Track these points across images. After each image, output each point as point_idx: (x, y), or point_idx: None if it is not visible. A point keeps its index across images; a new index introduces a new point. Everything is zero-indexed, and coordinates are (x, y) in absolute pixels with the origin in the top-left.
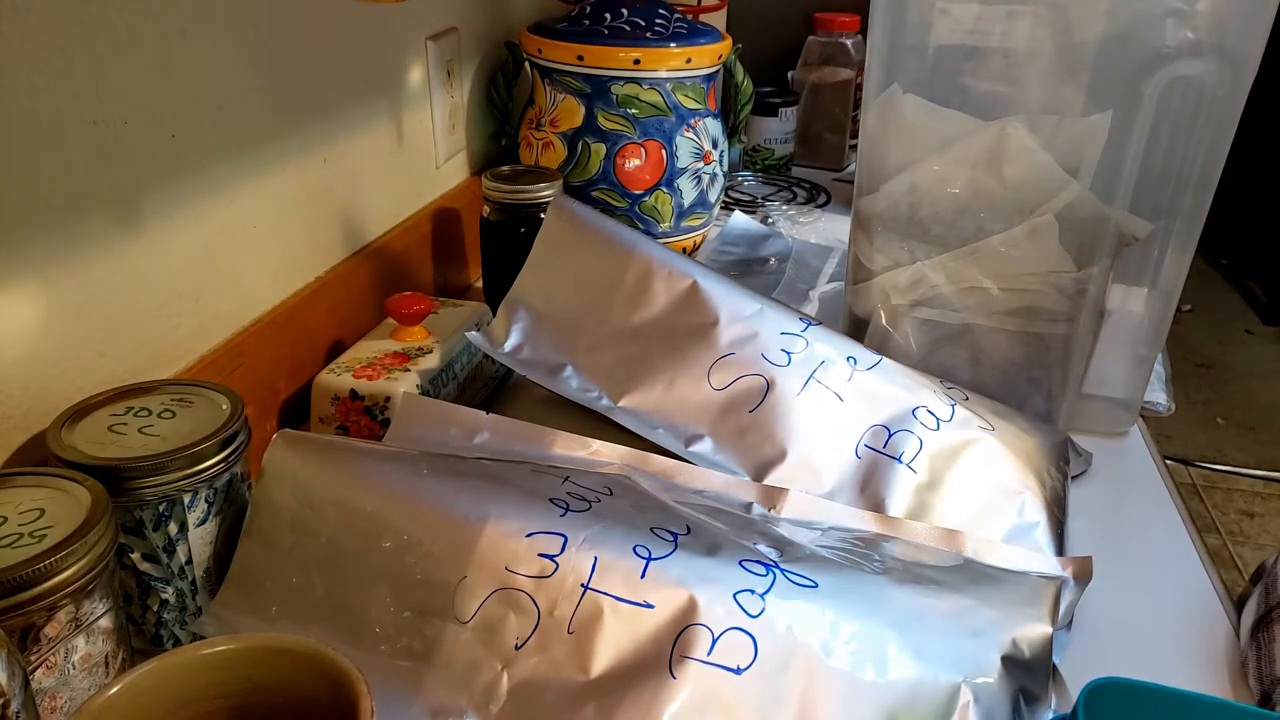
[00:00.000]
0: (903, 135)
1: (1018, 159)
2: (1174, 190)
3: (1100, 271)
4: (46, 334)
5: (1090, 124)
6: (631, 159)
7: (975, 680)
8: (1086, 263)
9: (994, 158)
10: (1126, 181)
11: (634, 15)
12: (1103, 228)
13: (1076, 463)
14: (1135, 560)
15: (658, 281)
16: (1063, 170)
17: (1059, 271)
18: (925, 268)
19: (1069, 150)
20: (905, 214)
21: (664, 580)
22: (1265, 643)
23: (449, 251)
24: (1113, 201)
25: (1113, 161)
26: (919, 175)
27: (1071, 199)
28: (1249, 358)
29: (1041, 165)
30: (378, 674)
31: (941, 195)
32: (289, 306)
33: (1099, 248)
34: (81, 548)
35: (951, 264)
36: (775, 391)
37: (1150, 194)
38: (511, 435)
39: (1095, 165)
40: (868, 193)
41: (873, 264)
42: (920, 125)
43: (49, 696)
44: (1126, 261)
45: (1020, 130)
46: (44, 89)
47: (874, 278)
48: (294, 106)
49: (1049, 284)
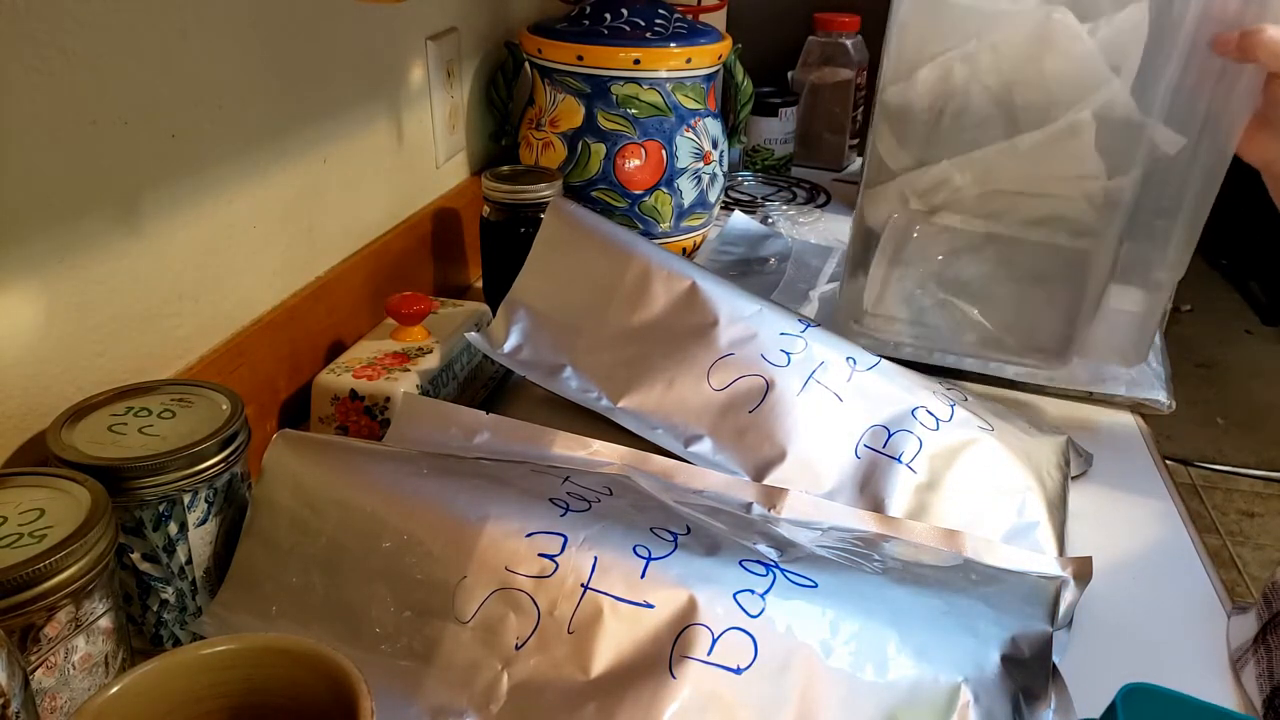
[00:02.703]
0: (941, 19)
1: (1062, 48)
2: (1212, 101)
3: (1130, 183)
4: (46, 334)
5: (1130, 14)
6: (631, 159)
7: (975, 680)
8: (1118, 172)
9: (1036, 45)
10: (1165, 92)
11: (634, 15)
12: (1137, 135)
13: (1076, 463)
14: (1135, 560)
15: (657, 282)
16: (1106, 66)
17: (1089, 177)
18: (950, 166)
19: (1110, 46)
20: (937, 105)
21: (664, 580)
22: (1275, 645)
23: (449, 251)
24: (1149, 112)
25: (1151, 67)
26: (957, 62)
27: (1111, 97)
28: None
29: (1086, 56)
30: (378, 674)
31: (977, 87)
32: (289, 306)
33: (1132, 157)
34: (81, 548)
35: (980, 163)
36: (775, 391)
37: (1185, 108)
38: (511, 435)
39: (1137, 65)
40: (896, 82)
41: (895, 161)
42: (963, 9)
43: (49, 696)
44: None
45: (1068, 15)
46: (44, 89)
47: (893, 179)
48: (294, 106)
49: (1079, 190)
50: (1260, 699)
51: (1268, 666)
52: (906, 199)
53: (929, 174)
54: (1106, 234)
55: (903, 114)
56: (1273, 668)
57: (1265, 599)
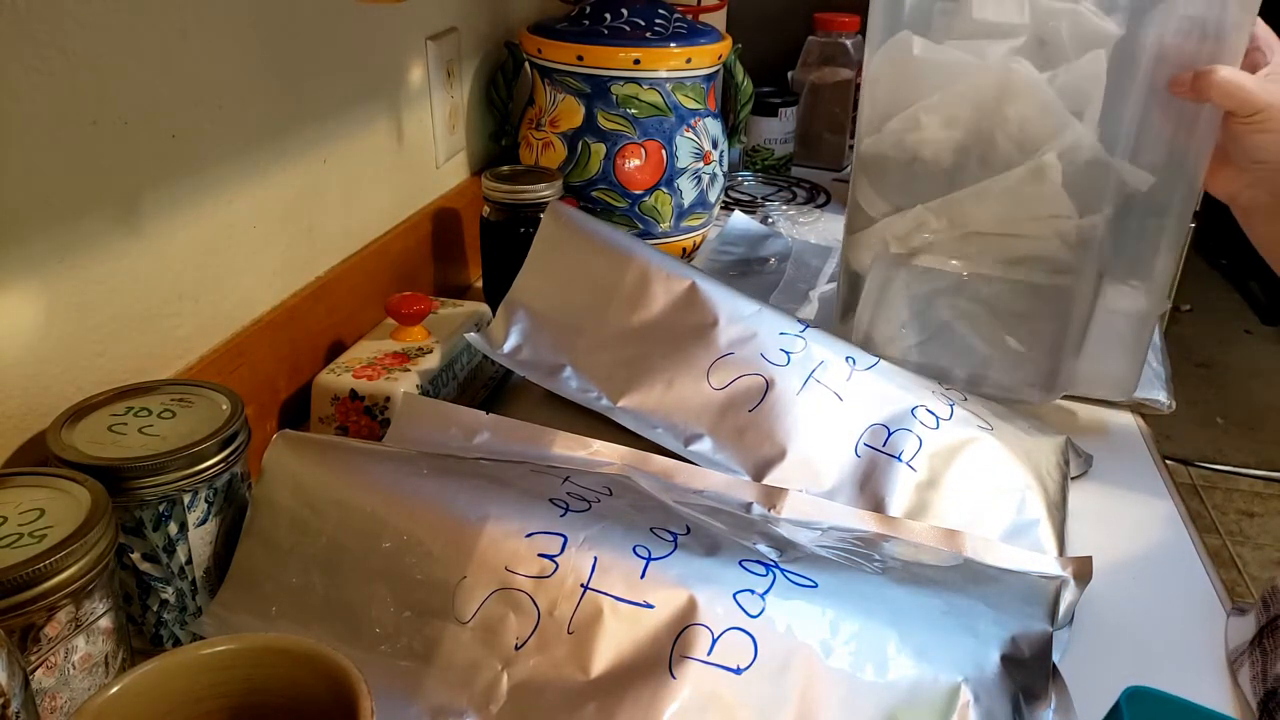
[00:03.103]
0: (909, 75)
1: (1023, 96)
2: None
3: (1103, 221)
4: (46, 334)
5: (1088, 61)
6: (631, 159)
7: (975, 680)
8: (1089, 210)
9: (999, 95)
10: (1128, 132)
11: (634, 15)
12: (1105, 175)
13: (1076, 463)
14: (1135, 560)
15: (656, 282)
16: (1066, 110)
17: (1061, 216)
18: (925, 211)
19: (1071, 91)
20: (908, 154)
21: (664, 580)
22: (1271, 649)
23: (449, 251)
24: (1114, 152)
25: (1113, 109)
26: (923, 113)
27: (1074, 140)
28: (1249, 358)
29: (1048, 103)
30: (378, 674)
31: (945, 135)
32: (289, 306)
33: (1101, 196)
34: (81, 548)
35: (953, 206)
36: (775, 391)
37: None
38: (511, 435)
39: (1099, 108)
40: (870, 134)
41: (873, 209)
42: (928, 63)
43: (49, 696)
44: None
45: (1025, 65)
46: (44, 89)
47: (873, 225)
48: (294, 106)
49: (1051, 230)
50: (1255, 701)
51: (1262, 669)
52: (887, 243)
53: (905, 219)
54: (1084, 270)
55: (877, 164)
56: (1267, 670)
57: (1264, 603)
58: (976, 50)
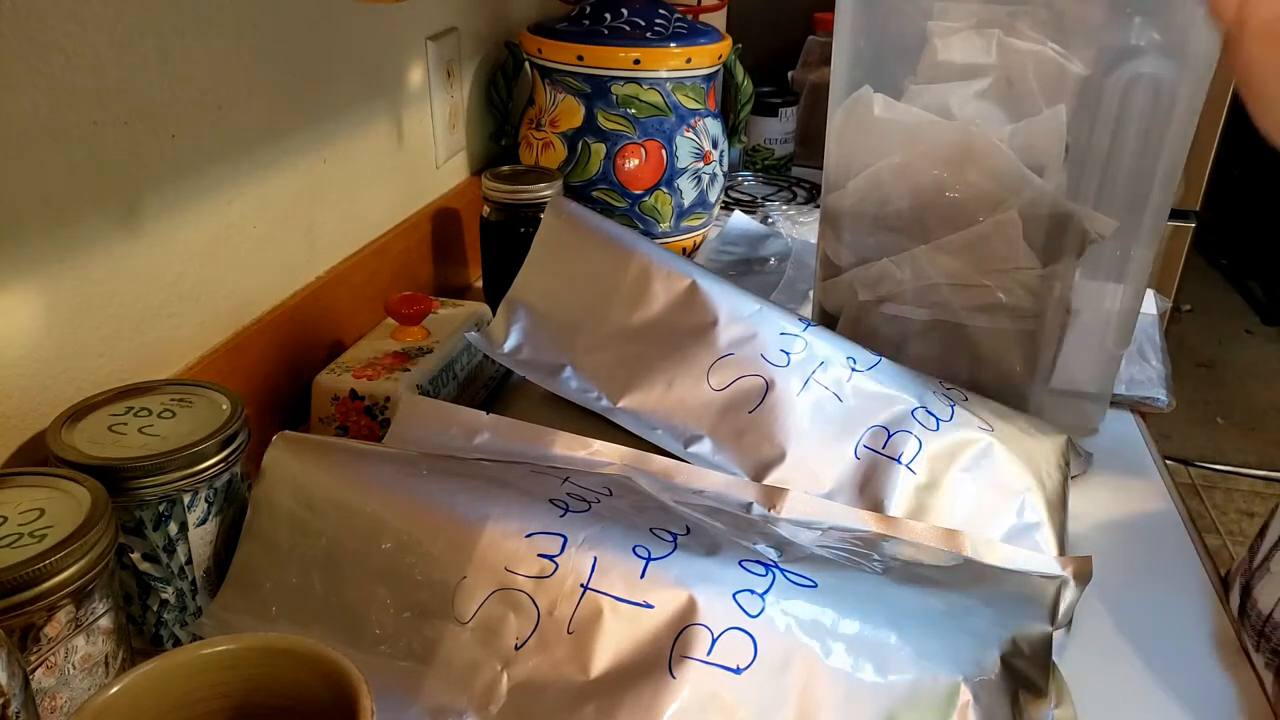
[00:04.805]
0: (871, 133)
1: (982, 157)
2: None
3: (1065, 269)
4: (46, 334)
5: (1048, 118)
6: (631, 159)
7: (975, 680)
8: (1052, 260)
9: (958, 155)
10: (1090, 179)
11: (634, 15)
12: (1067, 225)
13: (1076, 463)
14: (1135, 560)
15: (656, 282)
16: (1025, 168)
17: (1024, 268)
18: (890, 264)
19: (1032, 147)
20: (872, 210)
21: (664, 580)
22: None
23: (449, 251)
24: (1077, 199)
25: (1077, 159)
26: (885, 171)
27: (1034, 196)
28: (1249, 358)
29: (1006, 163)
30: (378, 674)
31: (906, 192)
32: (289, 306)
33: (1064, 245)
34: (81, 548)
35: (917, 260)
36: (775, 392)
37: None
38: (511, 435)
39: (1060, 161)
40: (834, 190)
41: (840, 260)
42: (889, 122)
43: (49, 696)
44: (1094, 259)
45: (985, 130)
46: (44, 89)
47: (842, 274)
48: (294, 106)
49: (1014, 281)
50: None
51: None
52: (855, 291)
53: (871, 270)
54: (1049, 315)
55: (841, 219)
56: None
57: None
58: (942, 96)
